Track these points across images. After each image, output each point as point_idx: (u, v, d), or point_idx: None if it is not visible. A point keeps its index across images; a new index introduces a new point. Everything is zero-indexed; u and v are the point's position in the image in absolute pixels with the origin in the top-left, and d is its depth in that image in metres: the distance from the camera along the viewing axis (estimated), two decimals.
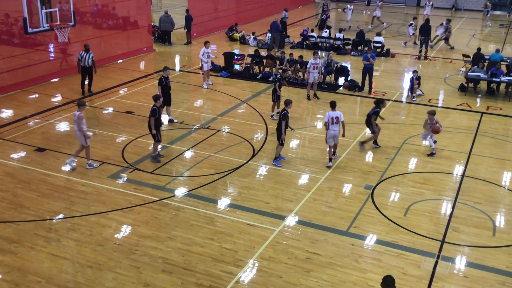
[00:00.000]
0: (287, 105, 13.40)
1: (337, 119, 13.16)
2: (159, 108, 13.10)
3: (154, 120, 12.95)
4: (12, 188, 11.94)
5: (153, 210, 11.19)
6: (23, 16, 17.32)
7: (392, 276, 6.88)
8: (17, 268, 9.18)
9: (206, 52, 19.55)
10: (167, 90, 15.83)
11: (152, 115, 12.93)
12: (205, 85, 19.83)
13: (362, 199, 11.87)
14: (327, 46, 26.92)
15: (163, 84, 15.66)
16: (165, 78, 15.76)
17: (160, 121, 13.39)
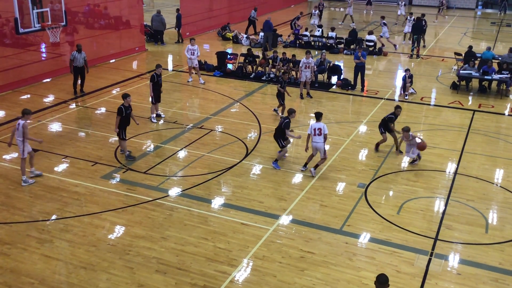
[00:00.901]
0: (291, 114, 13.31)
1: (319, 130, 12.53)
2: (125, 107, 13.08)
3: (120, 119, 12.97)
4: (4, 189, 11.86)
5: (147, 211, 11.16)
6: (14, 16, 17.21)
7: (385, 274, 6.91)
8: (10, 270, 9.12)
9: (190, 49, 19.75)
10: (158, 87, 15.98)
11: (118, 113, 12.98)
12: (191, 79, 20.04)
13: (356, 198, 11.90)
14: (320, 45, 26.95)
15: (154, 81, 15.79)
16: (157, 76, 15.92)
17: (128, 120, 13.26)
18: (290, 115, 13.33)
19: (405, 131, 13.23)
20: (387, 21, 28.11)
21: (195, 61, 19.95)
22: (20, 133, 11.82)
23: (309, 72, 18.61)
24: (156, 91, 15.96)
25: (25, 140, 11.86)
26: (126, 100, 13.20)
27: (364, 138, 15.43)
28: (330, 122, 16.57)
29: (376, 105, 18.29)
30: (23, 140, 11.86)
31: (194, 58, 19.87)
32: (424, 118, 17.34)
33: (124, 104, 13.14)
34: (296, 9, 36.77)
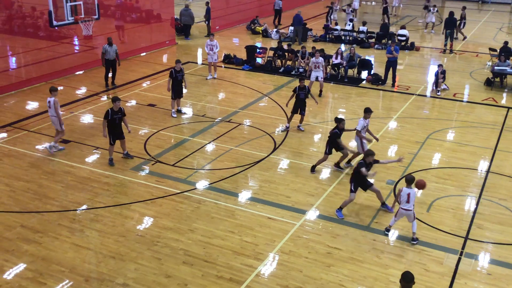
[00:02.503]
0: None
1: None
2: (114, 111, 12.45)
3: (107, 122, 12.48)
4: (37, 179, 12.15)
5: (175, 203, 11.27)
6: (48, 9, 17.56)
7: (411, 272, 6.81)
8: (41, 258, 9.35)
9: (209, 44, 19.72)
10: (177, 83, 16.00)
11: (104, 117, 12.51)
12: (210, 76, 19.99)
13: (384, 194, 11.74)
14: (350, 39, 26.66)
15: (173, 77, 15.84)
16: (176, 71, 15.90)
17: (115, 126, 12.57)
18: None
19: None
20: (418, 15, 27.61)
21: (215, 56, 19.95)
22: (53, 110, 12.99)
23: (321, 72, 18.15)
24: (176, 87, 15.94)
25: (58, 115, 13.02)
26: (115, 104, 12.49)
27: (394, 134, 15.21)
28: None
29: (407, 101, 18.00)
30: (57, 115, 13.02)
31: (214, 53, 19.86)
32: (457, 115, 16.99)
33: (113, 108, 12.49)
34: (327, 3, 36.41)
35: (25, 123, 15.38)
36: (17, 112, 16.22)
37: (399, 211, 9.90)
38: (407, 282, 6.79)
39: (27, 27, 21.81)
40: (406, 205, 9.73)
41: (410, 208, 9.74)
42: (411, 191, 9.71)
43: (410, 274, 6.83)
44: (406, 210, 9.76)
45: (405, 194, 9.70)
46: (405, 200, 9.71)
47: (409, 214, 9.81)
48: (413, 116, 16.58)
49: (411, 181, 9.75)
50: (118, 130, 12.72)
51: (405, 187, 9.79)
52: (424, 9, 32.41)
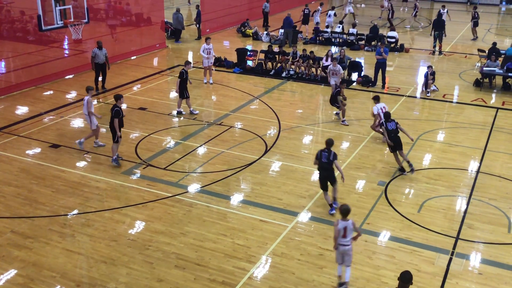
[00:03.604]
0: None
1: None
2: (120, 108, 12.75)
3: (118, 121, 12.64)
4: (27, 184, 12.07)
5: (166, 206, 11.24)
6: (37, 13, 17.47)
7: (410, 272, 6.81)
8: (32, 263, 9.29)
9: (206, 48, 19.63)
10: (185, 84, 16.30)
11: (115, 116, 12.58)
12: (205, 80, 19.94)
13: (376, 196, 11.80)
14: (340, 41, 26.77)
15: (183, 78, 16.15)
16: (186, 72, 16.28)
17: (122, 122, 12.90)
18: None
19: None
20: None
21: (212, 60, 19.93)
22: (86, 108, 13.46)
23: (338, 78, 17.90)
24: (185, 88, 16.30)
25: (91, 114, 13.46)
26: (120, 100, 12.85)
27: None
28: (350, 119, 16.45)
29: (397, 102, 18.10)
30: (89, 114, 13.47)
31: (211, 57, 19.83)
32: (447, 116, 17.11)
33: (118, 105, 12.74)
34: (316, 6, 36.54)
35: (15, 127, 15.28)
36: (6, 117, 16.11)
37: (337, 249, 8.64)
38: (405, 282, 6.78)
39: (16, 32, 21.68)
40: (342, 240, 8.48)
41: (347, 244, 8.50)
42: (347, 224, 8.42)
43: (408, 275, 6.80)
44: (343, 246, 8.49)
45: (341, 228, 8.43)
46: (341, 234, 8.47)
47: (346, 250, 8.51)
48: (403, 117, 16.66)
49: (347, 212, 8.45)
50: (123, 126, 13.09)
51: (340, 220, 8.46)
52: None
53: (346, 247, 8.52)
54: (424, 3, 42.06)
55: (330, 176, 11.05)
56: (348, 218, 8.45)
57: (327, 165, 10.93)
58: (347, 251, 8.54)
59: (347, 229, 8.43)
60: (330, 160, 10.86)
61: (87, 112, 13.57)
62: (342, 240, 8.48)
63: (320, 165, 11.04)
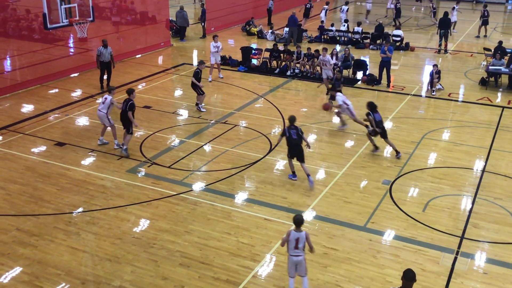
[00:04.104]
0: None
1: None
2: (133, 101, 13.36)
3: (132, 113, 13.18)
4: (32, 182, 12.12)
5: (171, 204, 11.26)
6: (42, 11, 17.52)
7: (413, 271, 6.79)
8: (37, 261, 9.32)
9: (214, 46, 19.69)
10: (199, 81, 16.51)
11: (130, 108, 13.09)
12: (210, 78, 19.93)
13: (380, 195, 11.78)
14: (345, 40, 26.71)
15: (198, 77, 16.31)
16: (200, 72, 16.46)
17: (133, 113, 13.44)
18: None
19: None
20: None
21: (218, 57, 19.95)
22: (105, 107, 13.55)
23: (329, 70, 18.22)
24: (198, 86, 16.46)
25: (108, 112, 13.60)
26: (133, 94, 13.37)
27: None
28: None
29: (402, 101, 18.05)
30: (106, 113, 13.58)
31: (218, 54, 19.86)
32: (452, 115, 17.04)
33: (131, 98, 13.27)
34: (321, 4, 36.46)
35: (20, 126, 15.33)
36: (12, 115, 16.17)
37: (289, 260, 8.27)
38: (409, 280, 6.75)
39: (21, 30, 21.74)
40: (294, 251, 8.12)
41: (299, 254, 8.14)
42: (300, 236, 8.04)
43: (411, 273, 6.76)
44: (296, 256, 8.15)
45: (293, 239, 8.04)
46: (293, 246, 8.08)
47: (299, 260, 8.18)
48: (409, 116, 16.62)
49: (300, 223, 8.10)
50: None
51: (293, 231, 8.08)
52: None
53: (299, 257, 8.18)
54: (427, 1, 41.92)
55: (301, 151, 11.88)
56: (302, 229, 8.10)
57: (298, 141, 11.80)
58: (300, 261, 8.22)
59: (299, 241, 8.06)
60: (300, 136, 11.74)
61: (105, 110, 13.56)
62: (294, 251, 8.12)
63: (290, 143, 11.84)
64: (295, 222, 8.13)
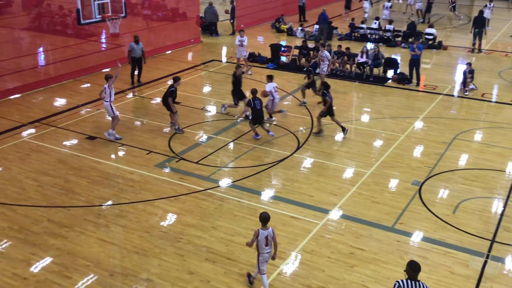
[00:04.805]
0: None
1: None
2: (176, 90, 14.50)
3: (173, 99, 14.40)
4: (64, 174, 12.37)
5: (198, 200, 11.34)
6: (76, 7, 17.83)
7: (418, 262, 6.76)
8: (67, 252, 9.52)
9: (240, 40, 19.79)
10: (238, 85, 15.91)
11: (170, 95, 14.32)
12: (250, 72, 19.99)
13: (409, 195, 11.61)
14: (376, 37, 26.38)
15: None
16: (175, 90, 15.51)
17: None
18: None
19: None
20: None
21: (244, 52, 19.98)
22: (108, 95, 13.77)
23: (326, 66, 18.24)
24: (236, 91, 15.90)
25: (111, 101, 13.85)
26: (177, 82, 14.52)
27: (420, 135, 15.00)
28: (384, 117, 16.23)
29: (433, 101, 17.74)
30: (110, 101, 13.80)
31: (243, 49, 19.90)
32: (485, 115, 16.66)
33: (174, 86, 14.39)
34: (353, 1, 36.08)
35: (53, 119, 15.67)
36: (45, 109, 16.54)
37: (260, 258, 8.40)
38: (415, 271, 6.69)
39: (55, 25, 22.20)
40: (265, 248, 8.30)
41: (270, 251, 8.38)
42: (268, 233, 8.24)
43: (418, 264, 6.75)
44: (268, 253, 8.37)
45: (262, 238, 8.22)
46: (263, 244, 8.26)
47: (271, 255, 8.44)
48: (440, 116, 16.33)
49: (267, 220, 8.22)
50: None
51: (261, 229, 8.23)
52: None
53: (271, 253, 8.39)
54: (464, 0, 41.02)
55: (262, 118, 14.24)
56: (268, 226, 8.23)
57: (261, 111, 14.11)
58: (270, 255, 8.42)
59: (268, 238, 8.23)
60: (261, 105, 14.09)
61: (108, 100, 13.78)
62: (265, 248, 8.30)
63: (256, 113, 14.00)
64: (262, 220, 8.23)
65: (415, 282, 6.63)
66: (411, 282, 6.64)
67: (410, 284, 6.61)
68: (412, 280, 6.66)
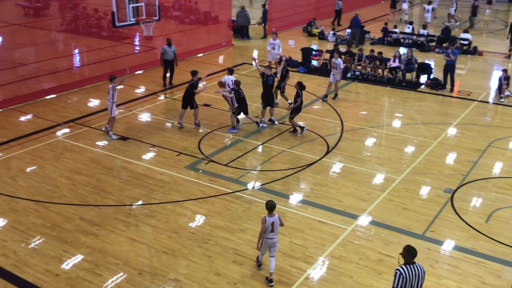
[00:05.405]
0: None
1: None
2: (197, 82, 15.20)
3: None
4: (96, 173, 12.61)
5: (226, 202, 11.39)
6: (111, 10, 18.19)
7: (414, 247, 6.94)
8: (98, 250, 9.70)
9: (271, 43, 19.88)
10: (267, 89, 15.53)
11: (194, 88, 15.07)
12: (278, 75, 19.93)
13: (441, 203, 11.40)
14: (410, 42, 26.03)
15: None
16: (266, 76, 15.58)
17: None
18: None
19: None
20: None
21: (276, 56, 20.00)
22: (110, 96, 14.19)
23: (338, 75, 17.68)
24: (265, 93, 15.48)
25: (114, 102, 14.25)
26: (196, 76, 15.11)
27: (453, 141, 14.72)
28: (416, 123, 15.99)
29: (468, 107, 17.38)
30: (112, 101, 14.21)
31: (275, 53, 19.92)
32: None
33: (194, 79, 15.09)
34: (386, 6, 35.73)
35: (86, 119, 16.00)
36: (79, 109, 16.90)
37: (263, 242, 8.82)
38: (412, 256, 6.90)
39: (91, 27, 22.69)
40: (270, 234, 8.71)
41: (274, 237, 8.77)
42: (275, 220, 8.67)
43: (415, 249, 6.94)
44: (271, 239, 8.75)
45: (269, 224, 8.65)
46: (269, 230, 8.68)
47: (273, 242, 8.79)
48: (474, 122, 15.98)
49: (273, 208, 8.68)
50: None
51: (267, 217, 8.67)
52: None
53: (273, 239, 8.79)
54: (500, 5, 40.10)
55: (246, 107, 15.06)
56: (274, 213, 8.70)
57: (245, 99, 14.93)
58: (274, 243, 8.82)
59: (274, 224, 8.70)
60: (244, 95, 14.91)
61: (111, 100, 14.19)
62: (270, 234, 8.74)
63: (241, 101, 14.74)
64: (268, 208, 8.69)
65: (413, 265, 6.91)
66: (410, 267, 6.88)
67: (410, 269, 6.87)
68: (409, 264, 6.91)
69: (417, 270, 6.90)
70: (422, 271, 6.94)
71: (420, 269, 6.93)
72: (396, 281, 6.79)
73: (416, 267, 6.91)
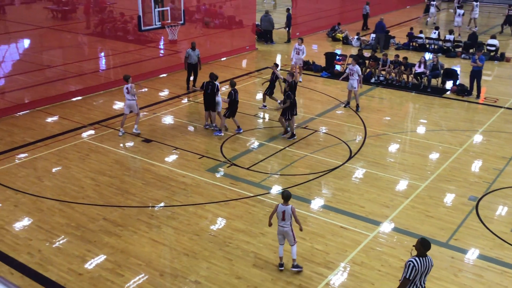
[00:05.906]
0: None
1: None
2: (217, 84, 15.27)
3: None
4: (120, 175, 12.77)
5: (248, 206, 11.40)
6: (137, 14, 18.45)
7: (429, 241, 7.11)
8: (121, 250, 9.81)
9: (297, 48, 19.85)
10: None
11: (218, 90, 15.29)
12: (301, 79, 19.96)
13: (466, 211, 11.21)
14: (436, 48, 25.72)
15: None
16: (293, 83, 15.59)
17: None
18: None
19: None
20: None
21: (300, 61, 19.97)
22: (132, 95, 14.78)
23: (355, 81, 17.07)
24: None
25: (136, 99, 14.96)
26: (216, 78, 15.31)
27: (478, 148, 14.48)
28: (441, 129, 15.78)
29: (494, 114, 17.08)
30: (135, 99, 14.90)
31: (299, 58, 19.90)
32: None
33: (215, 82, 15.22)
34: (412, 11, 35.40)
35: (112, 121, 16.23)
36: (105, 111, 17.15)
37: (277, 230, 9.18)
38: (426, 249, 7.10)
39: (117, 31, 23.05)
40: (281, 222, 9.00)
41: (286, 226, 8.97)
42: (286, 209, 8.89)
43: (430, 243, 7.16)
44: (282, 227, 9.02)
45: (280, 212, 8.94)
46: (280, 218, 8.98)
47: (286, 231, 9.00)
48: (501, 130, 15.69)
49: (288, 198, 8.95)
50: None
51: (281, 204, 8.98)
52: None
53: (285, 228, 9.01)
54: None
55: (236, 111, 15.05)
56: (289, 204, 8.92)
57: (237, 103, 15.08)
58: (287, 232, 9.02)
59: (285, 213, 8.92)
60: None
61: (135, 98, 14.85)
62: (281, 223, 9.01)
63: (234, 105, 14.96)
64: (283, 197, 8.96)
65: (425, 258, 7.11)
66: (422, 259, 7.08)
67: (422, 261, 7.06)
68: (422, 256, 7.10)
69: (428, 263, 7.12)
70: (431, 264, 7.16)
71: (430, 261, 7.15)
72: (409, 272, 7.01)
73: (428, 260, 7.13)
